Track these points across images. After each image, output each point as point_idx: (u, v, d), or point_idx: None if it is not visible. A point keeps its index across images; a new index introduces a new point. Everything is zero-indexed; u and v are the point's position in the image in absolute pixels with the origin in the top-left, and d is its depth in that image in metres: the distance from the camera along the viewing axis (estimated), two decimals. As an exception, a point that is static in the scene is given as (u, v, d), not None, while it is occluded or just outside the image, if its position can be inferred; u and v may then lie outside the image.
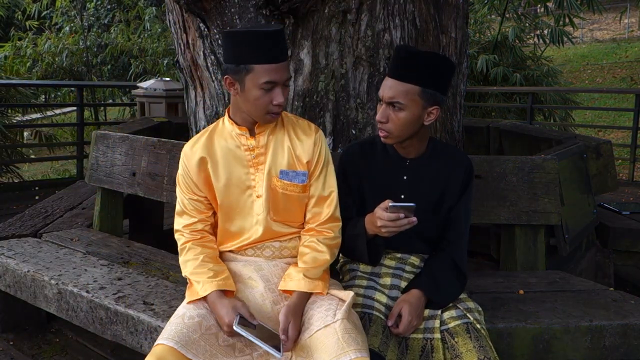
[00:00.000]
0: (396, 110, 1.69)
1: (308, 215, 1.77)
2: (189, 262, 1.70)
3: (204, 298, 1.62)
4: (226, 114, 1.77)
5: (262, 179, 1.72)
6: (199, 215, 1.76)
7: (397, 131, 1.71)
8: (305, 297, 1.64)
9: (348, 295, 1.63)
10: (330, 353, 1.46)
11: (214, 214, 1.79)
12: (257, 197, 1.73)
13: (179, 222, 1.78)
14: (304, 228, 1.80)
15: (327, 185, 1.77)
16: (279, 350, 1.49)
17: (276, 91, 1.62)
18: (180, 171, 1.77)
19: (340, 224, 1.79)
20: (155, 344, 1.50)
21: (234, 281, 1.69)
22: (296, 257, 1.77)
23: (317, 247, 1.72)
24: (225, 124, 1.76)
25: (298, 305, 1.62)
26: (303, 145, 1.74)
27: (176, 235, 1.79)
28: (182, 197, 1.77)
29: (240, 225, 1.75)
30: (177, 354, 1.46)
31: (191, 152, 1.74)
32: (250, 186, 1.73)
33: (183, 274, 1.73)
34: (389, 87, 1.69)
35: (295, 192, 1.73)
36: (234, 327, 1.49)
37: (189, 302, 1.63)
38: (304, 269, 1.67)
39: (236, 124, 1.73)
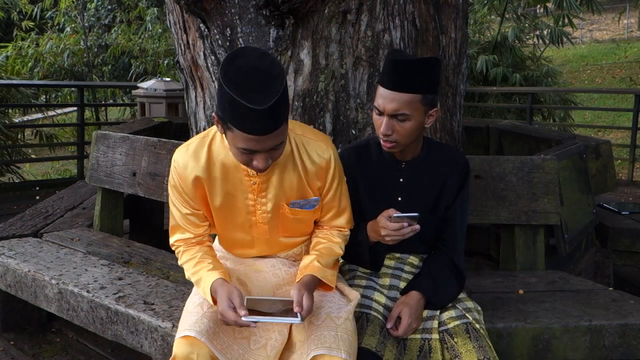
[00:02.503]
0: (401, 121, 1.66)
1: (325, 221, 1.73)
2: (188, 262, 1.65)
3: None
4: None
5: (263, 204, 1.63)
6: (195, 230, 1.66)
7: (404, 140, 1.70)
8: (315, 280, 1.59)
9: (355, 296, 1.64)
10: (322, 343, 1.46)
11: (210, 225, 1.71)
12: (260, 222, 1.66)
13: (173, 237, 1.69)
14: (311, 235, 1.78)
15: (343, 200, 1.71)
16: (296, 316, 1.44)
17: (257, 156, 1.44)
18: (172, 182, 1.62)
19: (353, 224, 1.77)
20: (179, 335, 1.48)
21: (238, 267, 1.71)
22: (300, 260, 1.74)
23: (332, 239, 1.70)
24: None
25: (309, 282, 1.56)
26: (315, 169, 1.63)
27: (172, 248, 1.73)
28: (176, 212, 1.65)
29: (242, 238, 1.71)
30: (201, 345, 1.45)
31: (184, 169, 1.59)
32: (250, 211, 1.65)
33: (186, 277, 1.70)
34: (391, 100, 1.64)
35: (307, 216, 1.69)
36: (243, 320, 1.41)
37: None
38: (317, 256, 1.64)
39: None
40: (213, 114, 1.48)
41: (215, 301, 1.53)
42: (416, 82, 1.65)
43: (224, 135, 1.49)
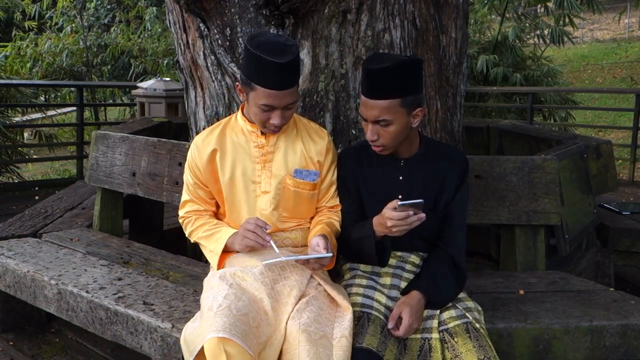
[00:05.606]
0: (384, 126, 1.71)
1: (324, 204, 1.89)
2: (203, 225, 1.81)
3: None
4: (240, 110, 1.85)
5: (268, 176, 1.80)
6: (204, 205, 1.86)
7: (391, 143, 1.75)
8: (327, 239, 1.72)
9: (349, 309, 1.63)
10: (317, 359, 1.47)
11: (218, 207, 1.87)
12: (263, 192, 1.80)
13: (183, 209, 1.87)
14: (309, 220, 1.89)
15: (334, 181, 1.91)
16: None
17: (274, 113, 1.70)
18: (189, 160, 1.85)
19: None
20: (210, 337, 1.44)
21: (234, 266, 1.72)
22: (297, 247, 1.85)
23: (332, 216, 1.86)
24: (238, 120, 1.84)
25: (326, 237, 1.72)
26: (316, 146, 1.86)
27: (182, 221, 1.88)
28: (189, 186, 1.86)
29: (244, 216, 1.80)
30: (235, 345, 1.44)
31: (203, 144, 1.82)
32: (255, 181, 1.80)
33: (193, 240, 1.82)
34: (371, 108, 1.69)
35: (306, 189, 1.82)
36: (263, 264, 1.61)
37: (219, 269, 1.73)
38: (324, 226, 1.79)
39: (249, 121, 1.81)
40: (236, 83, 1.76)
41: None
42: (392, 88, 1.67)
43: (246, 100, 1.73)
